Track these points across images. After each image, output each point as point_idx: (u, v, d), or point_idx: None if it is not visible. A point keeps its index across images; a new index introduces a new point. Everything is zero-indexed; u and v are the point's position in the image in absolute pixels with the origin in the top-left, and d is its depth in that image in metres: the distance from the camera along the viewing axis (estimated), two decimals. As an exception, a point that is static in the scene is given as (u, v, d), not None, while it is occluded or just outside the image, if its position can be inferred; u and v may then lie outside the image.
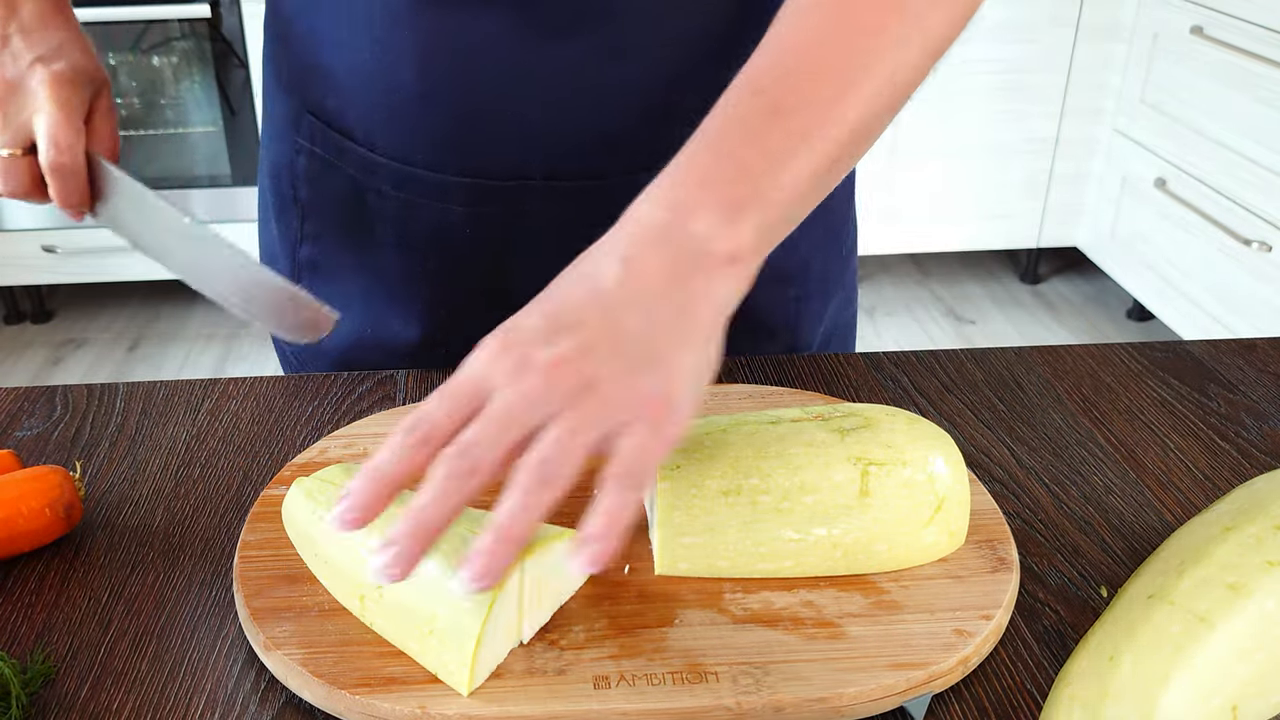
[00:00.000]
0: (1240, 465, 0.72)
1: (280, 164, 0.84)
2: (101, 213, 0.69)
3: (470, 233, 0.78)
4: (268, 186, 0.87)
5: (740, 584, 0.58)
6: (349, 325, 0.84)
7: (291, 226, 0.85)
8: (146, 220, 0.67)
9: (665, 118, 0.72)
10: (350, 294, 0.83)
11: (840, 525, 0.57)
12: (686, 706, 0.51)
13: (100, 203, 0.68)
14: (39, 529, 0.62)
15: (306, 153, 0.81)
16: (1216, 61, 2.38)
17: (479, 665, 0.51)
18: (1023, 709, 0.54)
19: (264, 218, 0.90)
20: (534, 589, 0.54)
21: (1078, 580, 0.62)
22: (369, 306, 0.83)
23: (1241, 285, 2.35)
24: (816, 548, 0.58)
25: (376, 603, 0.54)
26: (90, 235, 2.74)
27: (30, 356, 2.80)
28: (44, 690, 0.54)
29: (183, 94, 2.74)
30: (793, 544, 0.57)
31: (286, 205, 0.85)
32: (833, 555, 0.58)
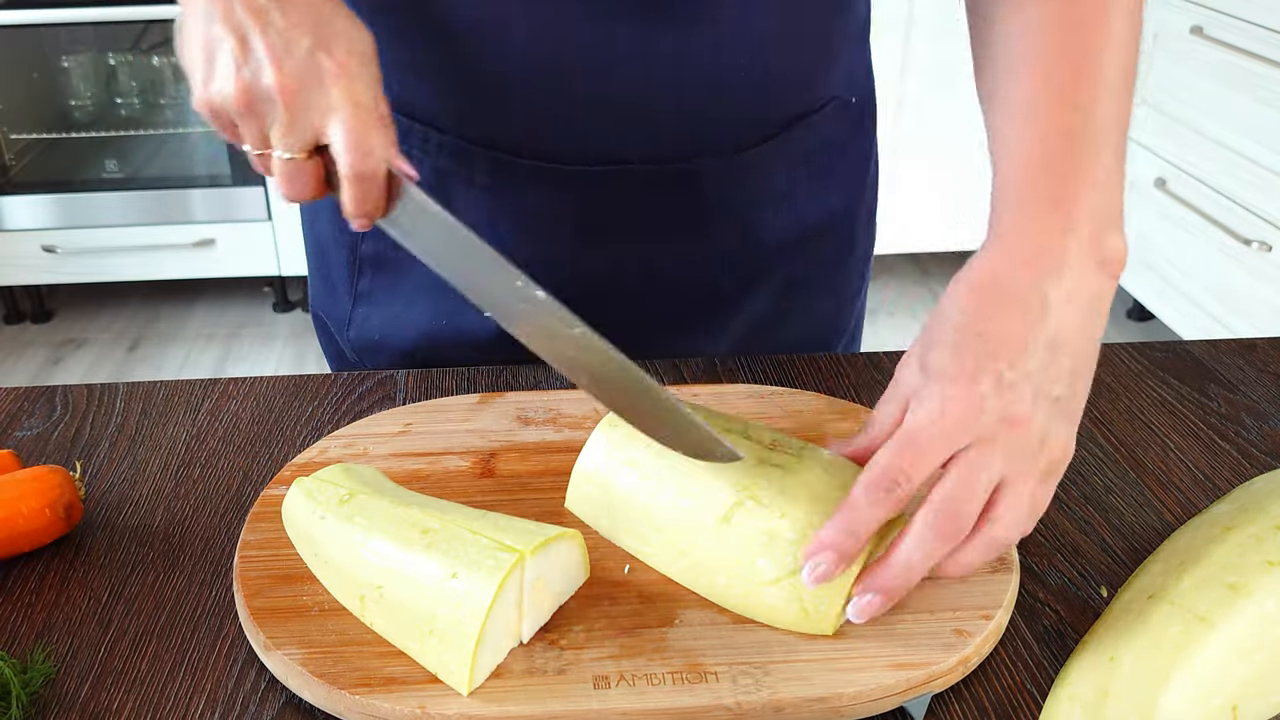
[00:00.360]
0: (1240, 465, 0.72)
1: None
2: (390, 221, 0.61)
3: (561, 219, 0.79)
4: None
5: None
6: (421, 319, 0.83)
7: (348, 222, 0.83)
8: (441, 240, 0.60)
9: (758, 99, 0.75)
10: (421, 287, 0.82)
11: (695, 540, 0.57)
12: (686, 706, 0.51)
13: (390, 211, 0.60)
14: (39, 529, 0.62)
15: None
16: (1216, 61, 2.38)
17: (479, 665, 0.51)
18: (1023, 709, 0.54)
19: (311, 210, 0.88)
20: (534, 589, 0.54)
21: (1078, 580, 0.62)
22: (444, 299, 0.81)
23: (1241, 285, 2.35)
24: (667, 550, 0.58)
25: (376, 603, 0.54)
26: (90, 235, 2.74)
27: (30, 356, 2.80)
28: (44, 690, 0.54)
29: (183, 94, 2.74)
30: (655, 534, 0.59)
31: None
32: (679, 563, 0.58)
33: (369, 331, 0.86)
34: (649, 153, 0.76)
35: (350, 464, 0.61)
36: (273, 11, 0.57)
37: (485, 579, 0.51)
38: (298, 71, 0.57)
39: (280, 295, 2.98)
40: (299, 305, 3.00)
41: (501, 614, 0.52)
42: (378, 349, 0.87)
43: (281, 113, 0.57)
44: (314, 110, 0.58)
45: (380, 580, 0.54)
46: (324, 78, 0.57)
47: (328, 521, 0.56)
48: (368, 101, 0.58)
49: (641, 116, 0.74)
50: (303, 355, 2.80)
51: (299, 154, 0.58)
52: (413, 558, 0.53)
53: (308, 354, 2.81)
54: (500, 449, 0.70)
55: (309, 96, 0.57)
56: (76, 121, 2.78)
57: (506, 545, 0.52)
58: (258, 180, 2.73)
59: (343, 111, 0.57)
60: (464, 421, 0.73)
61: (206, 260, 2.80)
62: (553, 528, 0.55)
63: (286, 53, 0.57)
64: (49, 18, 2.56)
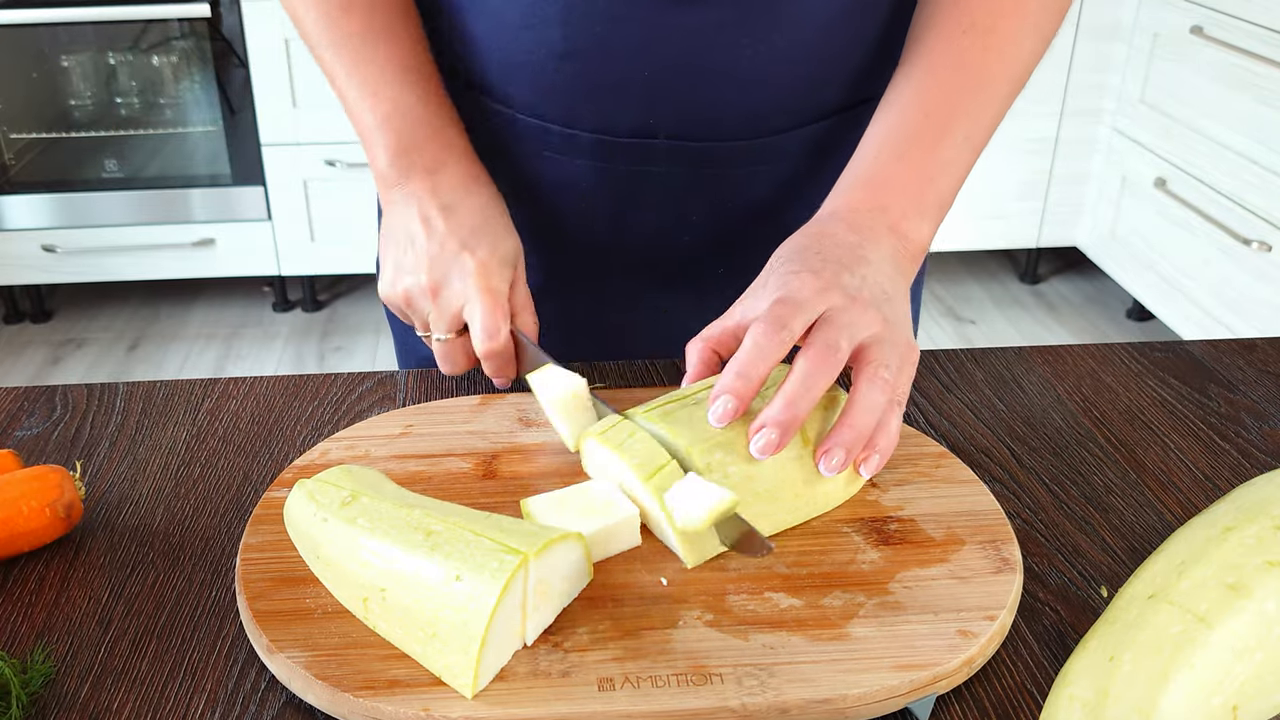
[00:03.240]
0: (1240, 465, 0.72)
1: None
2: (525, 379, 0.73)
3: (594, 188, 0.82)
4: None
5: (744, 585, 0.58)
6: None
7: None
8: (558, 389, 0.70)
9: (789, 88, 0.78)
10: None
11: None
12: (691, 708, 0.51)
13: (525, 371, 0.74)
14: (39, 529, 0.62)
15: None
16: (1216, 61, 2.38)
17: (483, 668, 0.51)
18: (1023, 709, 0.54)
19: None
20: (538, 591, 0.54)
21: (1078, 580, 0.62)
22: None
23: (1241, 285, 2.35)
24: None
25: (380, 605, 0.54)
26: (90, 235, 2.74)
27: (30, 356, 2.80)
28: (44, 690, 0.54)
29: (183, 94, 2.74)
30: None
31: None
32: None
33: None
34: (674, 129, 0.79)
35: (351, 465, 0.61)
36: (437, 220, 0.74)
37: (489, 581, 0.51)
38: (444, 272, 0.73)
39: (280, 295, 2.98)
40: (299, 305, 3.00)
41: (505, 616, 0.52)
42: None
43: (430, 305, 0.73)
44: (454, 300, 0.73)
45: (383, 583, 0.54)
46: (465, 274, 0.72)
47: (330, 524, 0.56)
48: (499, 290, 0.72)
49: (667, 95, 0.77)
50: (303, 355, 2.80)
51: (449, 335, 0.74)
52: (416, 560, 0.53)
53: (308, 354, 2.81)
54: (502, 450, 0.70)
55: (450, 289, 0.73)
56: (76, 121, 2.78)
57: (510, 547, 0.52)
58: (258, 180, 2.73)
59: (476, 302, 0.71)
60: (465, 423, 0.73)
61: (206, 260, 2.80)
62: (555, 529, 0.55)
63: (439, 257, 0.73)
64: (49, 18, 2.57)
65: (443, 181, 0.75)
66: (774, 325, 0.60)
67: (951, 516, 0.63)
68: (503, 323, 0.72)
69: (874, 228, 0.67)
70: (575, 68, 0.76)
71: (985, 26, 0.71)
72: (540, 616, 0.55)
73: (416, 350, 0.96)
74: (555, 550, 0.54)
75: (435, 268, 0.73)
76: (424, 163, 0.76)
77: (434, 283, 0.73)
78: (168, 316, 2.97)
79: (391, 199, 0.77)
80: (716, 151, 0.80)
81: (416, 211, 0.74)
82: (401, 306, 0.76)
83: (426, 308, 0.74)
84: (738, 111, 0.78)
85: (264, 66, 2.61)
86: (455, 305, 0.73)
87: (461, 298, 0.72)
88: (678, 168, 0.80)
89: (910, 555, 0.60)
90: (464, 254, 0.72)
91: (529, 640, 0.54)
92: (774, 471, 0.61)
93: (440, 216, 0.74)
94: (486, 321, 0.71)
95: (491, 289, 0.72)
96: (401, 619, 0.53)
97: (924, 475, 0.67)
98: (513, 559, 0.52)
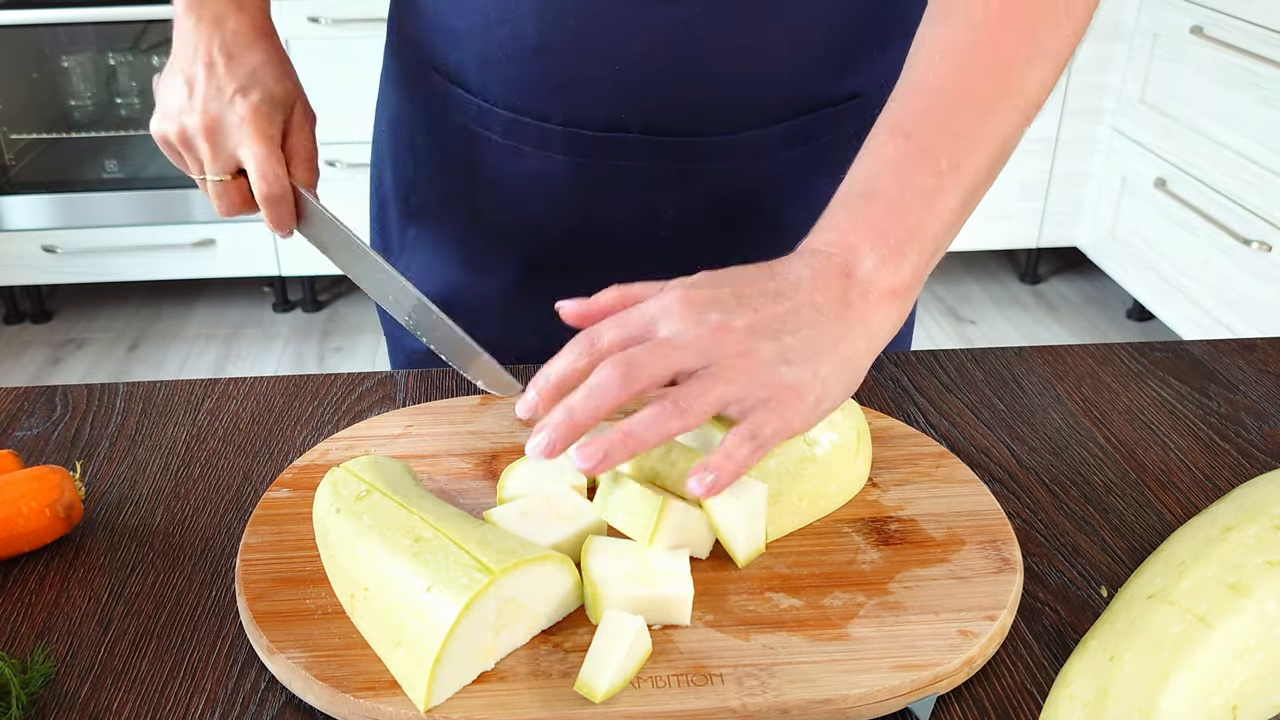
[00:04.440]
0: (1240, 465, 0.72)
1: (399, 114, 0.90)
2: (303, 231, 0.77)
3: (569, 182, 0.83)
4: (386, 135, 0.93)
5: (745, 585, 0.58)
6: (444, 271, 0.91)
7: (405, 174, 0.91)
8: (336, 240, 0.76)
9: (762, 84, 0.78)
10: (450, 239, 0.90)
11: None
12: (692, 709, 0.51)
13: (302, 223, 0.76)
14: (39, 529, 0.62)
15: (423, 104, 0.87)
16: (1216, 61, 2.38)
17: (438, 684, 0.50)
18: (1023, 709, 0.54)
19: (378, 165, 0.96)
20: (510, 612, 0.53)
21: (1078, 580, 0.62)
22: (469, 253, 0.89)
23: (1241, 285, 2.35)
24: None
25: (363, 604, 0.54)
26: (90, 235, 2.74)
27: (30, 356, 2.80)
28: (44, 690, 0.54)
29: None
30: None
31: (402, 153, 0.91)
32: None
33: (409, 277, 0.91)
34: (647, 124, 0.79)
35: (381, 457, 0.61)
36: (219, 64, 0.75)
37: (455, 596, 0.50)
38: (218, 113, 0.74)
39: (280, 295, 2.98)
40: (299, 305, 3.00)
41: (468, 634, 0.51)
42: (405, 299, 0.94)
43: (205, 146, 0.74)
44: (230, 144, 0.74)
45: (368, 581, 0.54)
46: (238, 119, 0.73)
47: (340, 515, 0.57)
48: (274, 137, 0.74)
49: (639, 90, 0.77)
50: (303, 355, 2.80)
51: (225, 175, 0.75)
52: (398, 564, 0.53)
53: (308, 354, 2.81)
54: (502, 450, 0.70)
55: (226, 134, 0.74)
56: (76, 121, 2.78)
57: (482, 564, 0.51)
58: (258, 180, 2.73)
59: (250, 147, 0.73)
60: (465, 423, 0.73)
61: (206, 260, 2.80)
62: (536, 546, 0.54)
63: (214, 98, 0.74)
64: (49, 18, 2.56)
65: (229, 28, 0.76)
66: (623, 372, 0.54)
67: (952, 516, 0.63)
68: (278, 168, 0.73)
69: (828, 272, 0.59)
70: (548, 62, 0.77)
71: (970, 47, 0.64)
72: (511, 638, 0.54)
73: (405, 345, 0.96)
74: (528, 571, 0.53)
75: (209, 108, 0.74)
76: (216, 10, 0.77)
77: (208, 125, 0.74)
78: (168, 317, 2.97)
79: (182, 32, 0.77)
80: (690, 147, 0.80)
81: (202, 54, 0.75)
82: (175, 144, 0.77)
83: (201, 148, 0.75)
84: (711, 107, 0.78)
85: (264, 67, 2.61)
86: (230, 146, 0.74)
87: (235, 141, 0.74)
88: (652, 163, 0.81)
89: (911, 555, 0.60)
90: (238, 98, 0.73)
91: (488, 664, 0.53)
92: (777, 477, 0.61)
93: (220, 60, 0.75)
94: (263, 166, 0.73)
95: (265, 135, 0.73)
96: (376, 621, 0.53)
97: (924, 475, 0.67)
98: (482, 577, 0.51)
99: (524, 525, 0.58)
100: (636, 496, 0.57)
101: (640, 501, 0.57)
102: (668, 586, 0.55)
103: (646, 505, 0.56)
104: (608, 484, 0.58)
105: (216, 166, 0.75)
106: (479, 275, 0.89)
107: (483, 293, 0.89)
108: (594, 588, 0.55)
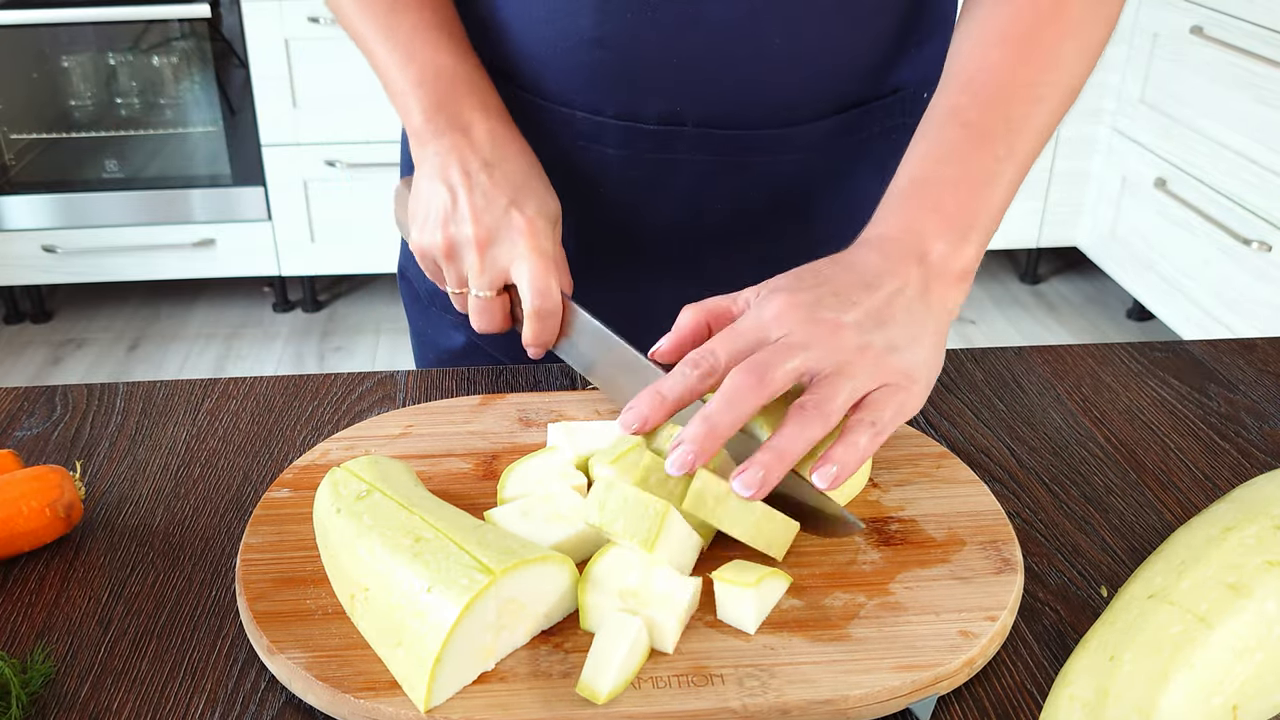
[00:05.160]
0: (1240, 465, 0.72)
1: None
2: (561, 345, 0.73)
3: (619, 176, 0.82)
4: None
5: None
6: None
7: None
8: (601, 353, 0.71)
9: (816, 79, 0.78)
10: None
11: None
12: (692, 709, 0.51)
13: (563, 337, 0.73)
14: (39, 529, 0.62)
15: None
16: (1216, 61, 2.38)
17: (438, 684, 0.50)
18: (1023, 709, 0.54)
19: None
20: (510, 612, 0.53)
21: (1078, 580, 0.62)
22: None
23: (1241, 285, 2.35)
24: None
25: (363, 604, 0.54)
26: (90, 235, 2.74)
27: (30, 356, 2.80)
28: (44, 690, 0.54)
29: (183, 94, 2.74)
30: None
31: None
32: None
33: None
34: (701, 117, 0.78)
35: (380, 456, 0.61)
36: (480, 174, 0.72)
37: (455, 597, 0.50)
38: (493, 225, 0.71)
39: (280, 295, 2.98)
40: (299, 305, 3.00)
41: (468, 635, 0.51)
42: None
43: (475, 259, 0.71)
44: (503, 257, 0.71)
45: (368, 581, 0.53)
46: (514, 231, 0.71)
47: (340, 515, 0.56)
48: (549, 251, 0.71)
49: (696, 84, 0.77)
50: (303, 355, 2.80)
51: (489, 292, 0.72)
52: (398, 564, 0.53)
53: (308, 354, 2.81)
54: (502, 450, 0.70)
55: (499, 247, 0.71)
56: (76, 121, 2.78)
57: (483, 564, 0.51)
58: (258, 180, 2.73)
59: (527, 260, 0.70)
60: (465, 423, 0.72)
61: (206, 260, 2.80)
62: (536, 547, 0.54)
63: (486, 210, 0.71)
64: (49, 18, 2.56)
65: (479, 138, 0.74)
66: (757, 376, 0.56)
67: (952, 517, 0.63)
68: (554, 283, 0.70)
69: (904, 257, 0.63)
70: (605, 55, 0.76)
71: (1021, 36, 0.69)
72: (512, 637, 0.54)
73: (436, 343, 0.95)
74: (528, 571, 0.53)
75: (482, 221, 0.71)
76: (460, 120, 0.74)
77: (482, 237, 0.71)
78: (168, 317, 2.97)
79: (425, 156, 0.75)
80: (742, 140, 0.80)
81: (456, 165, 0.73)
82: (439, 258, 0.74)
83: (470, 261, 0.72)
84: (765, 100, 0.78)
85: (264, 67, 2.61)
86: (503, 263, 0.71)
87: (509, 256, 0.71)
88: (702, 156, 0.80)
89: (911, 556, 0.60)
90: (513, 211, 0.71)
91: (489, 664, 0.53)
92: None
93: (483, 171, 0.72)
94: (539, 281, 0.70)
95: (541, 249, 0.71)
96: (376, 621, 0.53)
97: (925, 475, 0.67)
98: (482, 577, 0.50)
99: (524, 525, 0.58)
100: (635, 502, 0.56)
101: (641, 507, 0.56)
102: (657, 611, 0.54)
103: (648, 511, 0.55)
104: (603, 490, 0.57)
105: (483, 281, 0.72)
106: None
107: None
108: (584, 596, 0.55)
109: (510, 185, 0.72)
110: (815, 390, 0.57)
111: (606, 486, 0.56)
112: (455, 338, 0.94)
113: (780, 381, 0.56)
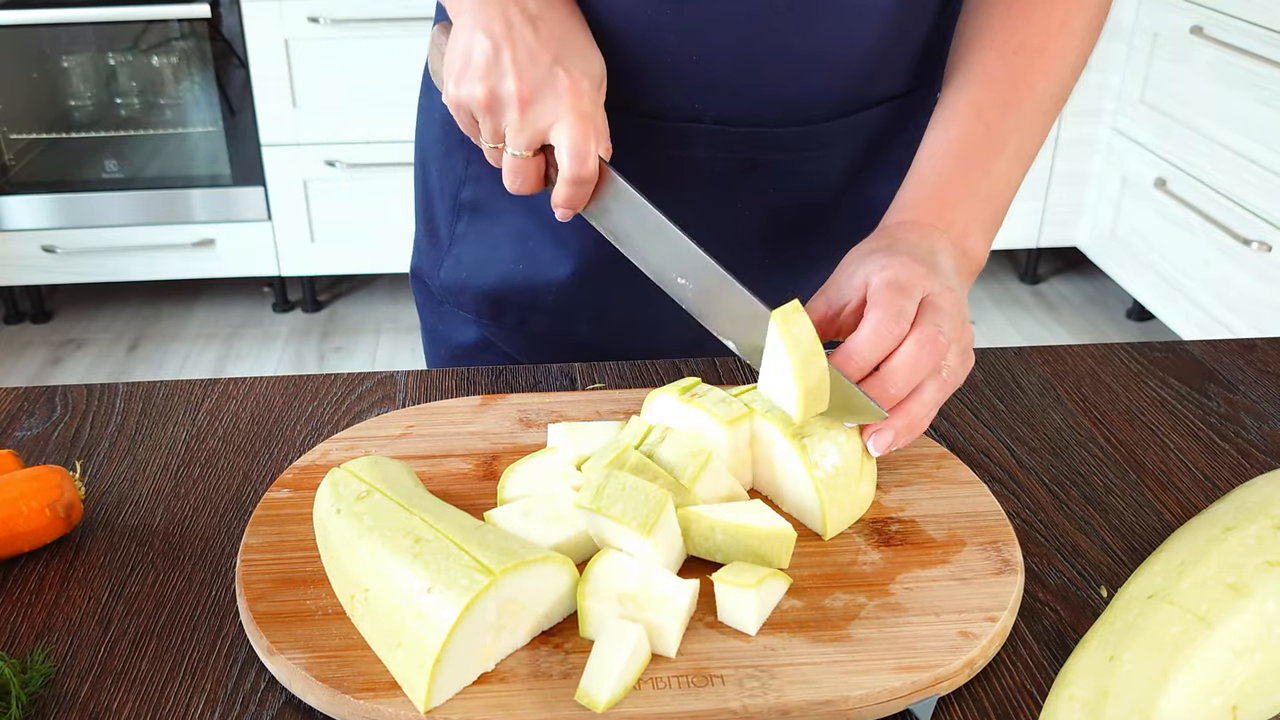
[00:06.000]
0: (1240, 465, 0.72)
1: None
2: (591, 209, 0.70)
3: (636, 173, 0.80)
4: (437, 134, 0.91)
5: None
6: (503, 263, 0.89)
7: (456, 170, 0.89)
8: (635, 223, 0.69)
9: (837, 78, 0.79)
10: (507, 233, 0.88)
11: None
12: (693, 710, 0.51)
13: (594, 202, 0.70)
14: (39, 529, 0.62)
15: None
16: (1216, 61, 2.38)
17: (438, 684, 0.50)
18: (1023, 709, 0.54)
19: (423, 162, 0.95)
20: (510, 612, 0.53)
21: (1078, 580, 0.62)
22: (523, 246, 0.88)
23: (1241, 285, 2.35)
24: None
25: (363, 604, 0.54)
26: (90, 235, 2.74)
27: (30, 356, 2.80)
28: (44, 690, 0.54)
29: (183, 94, 2.74)
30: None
31: (454, 149, 0.89)
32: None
33: (459, 272, 0.91)
34: (721, 115, 0.79)
35: (380, 457, 0.61)
36: (525, 28, 0.68)
37: (455, 597, 0.50)
38: (536, 82, 0.67)
39: (280, 295, 2.98)
40: (299, 305, 3.00)
41: (469, 635, 0.51)
42: (463, 289, 0.91)
43: (516, 116, 0.68)
44: (544, 117, 0.68)
45: (368, 582, 0.53)
46: (557, 91, 0.67)
47: (340, 516, 0.56)
48: (591, 114, 0.68)
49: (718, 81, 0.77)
50: (303, 355, 2.80)
51: (526, 152, 0.69)
52: (398, 565, 0.53)
53: (308, 354, 2.81)
54: (502, 451, 0.70)
55: (541, 106, 0.68)
56: (76, 121, 2.78)
57: (483, 565, 0.51)
58: (258, 180, 2.73)
59: (568, 123, 0.67)
60: (465, 424, 0.72)
61: (206, 260, 2.80)
62: (539, 548, 0.54)
63: (529, 65, 0.67)
64: (49, 18, 2.56)
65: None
66: (891, 310, 0.61)
67: (952, 517, 0.63)
68: (593, 148, 0.68)
69: (940, 240, 0.69)
70: (626, 52, 0.76)
71: (1036, 48, 0.74)
72: (512, 637, 0.54)
73: (449, 339, 0.95)
74: (530, 571, 0.53)
75: (526, 78, 0.67)
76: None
77: (524, 93, 0.67)
78: (168, 317, 2.97)
79: (465, 5, 0.71)
80: (761, 138, 0.80)
81: (499, 15, 0.68)
82: (477, 111, 0.70)
83: (510, 118, 0.69)
84: (785, 98, 0.78)
85: (264, 67, 2.61)
86: (543, 123, 0.68)
87: (551, 116, 0.68)
88: (720, 153, 0.80)
89: (911, 556, 0.60)
90: (557, 69, 0.68)
91: (489, 665, 0.53)
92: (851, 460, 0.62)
93: (527, 25, 0.68)
94: (579, 146, 0.67)
95: (584, 111, 0.68)
96: (376, 622, 0.53)
97: (925, 476, 0.67)
98: (482, 578, 0.50)
99: (524, 525, 0.58)
100: (635, 488, 0.57)
101: (640, 493, 0.56)
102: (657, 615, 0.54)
103: (647, 497, 0.56)
104: (601, 477, 0.58)
105: (520, 140, 0.68)
106: (535, 268, 0.87)
107: (538, 285, 0.88)
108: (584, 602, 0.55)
109: (555, 41, 0.69)
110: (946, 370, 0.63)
111: (605, 475, 0.57)
112: (468, 332, 0.94)
113: (950, 341, 0.62)
